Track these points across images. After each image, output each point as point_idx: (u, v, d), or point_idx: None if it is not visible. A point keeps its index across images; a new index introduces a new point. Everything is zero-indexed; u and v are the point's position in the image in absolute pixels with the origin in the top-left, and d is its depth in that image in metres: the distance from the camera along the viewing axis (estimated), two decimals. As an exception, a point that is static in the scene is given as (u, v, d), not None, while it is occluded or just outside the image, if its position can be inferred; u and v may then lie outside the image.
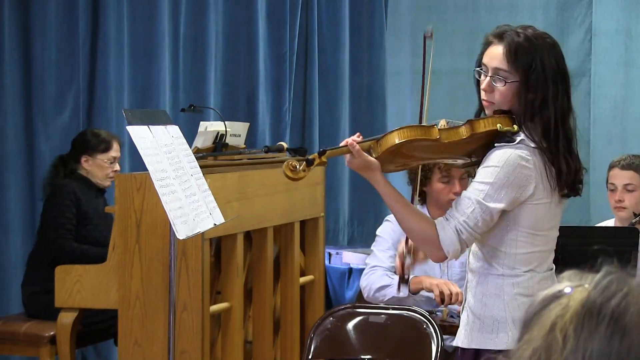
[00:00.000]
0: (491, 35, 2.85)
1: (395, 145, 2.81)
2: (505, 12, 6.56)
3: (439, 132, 2.84)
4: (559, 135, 2.77)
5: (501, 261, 2.82)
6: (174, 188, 3.42)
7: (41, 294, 4.69)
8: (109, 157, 4.91)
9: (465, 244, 2.79)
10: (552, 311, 1.10)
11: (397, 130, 2.83)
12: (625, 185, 4.44)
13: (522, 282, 2.81)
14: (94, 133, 4.96)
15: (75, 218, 4.75)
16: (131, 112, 3.56)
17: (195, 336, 3.93)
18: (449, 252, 2.78)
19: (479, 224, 2.76)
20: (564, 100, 2.79)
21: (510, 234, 2.81)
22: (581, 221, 6.22)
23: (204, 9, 5.93)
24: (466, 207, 2.77)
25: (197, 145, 4.45)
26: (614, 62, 6.58)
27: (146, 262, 3.97)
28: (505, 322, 2.80)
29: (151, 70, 5.65)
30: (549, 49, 2.80)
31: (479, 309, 2.85)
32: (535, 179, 2.76)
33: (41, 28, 5.37)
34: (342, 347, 3.84)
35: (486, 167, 2.79)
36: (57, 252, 4.56)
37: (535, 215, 2.80)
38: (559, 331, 1.07)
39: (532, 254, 2.82)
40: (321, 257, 5.04)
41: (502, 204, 2.76)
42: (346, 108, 6.65)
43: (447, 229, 2.78)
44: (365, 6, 6.69)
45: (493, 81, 2.81)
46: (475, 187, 2.79)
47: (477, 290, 2.86)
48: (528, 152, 2.76)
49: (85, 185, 4.86)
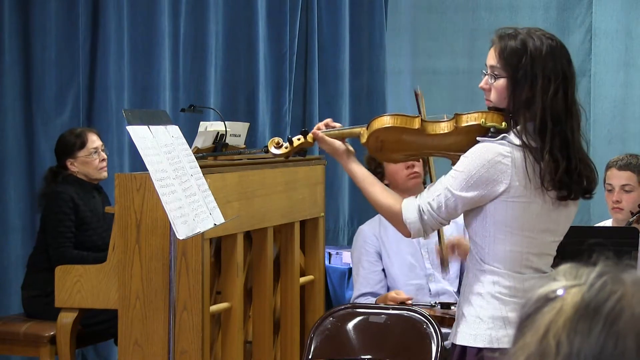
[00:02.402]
0: (494, 36, 2.87)
1: (378, 129, 2.92)
2: (505, 12, 6.57)
3: (422, 122, 2.90)
4: (547, 135, 2.75)
5: (484, 257, 2.84)
6: (174, 188, 3.42)
7: (41, 297, 4.69)
8: (89, 150, 4.86)
9: (429, 226, 2.85)
10: (545, 316, 1.08)
11: (383, 116, 2.96)
12: (622, 185, 4.38)
13: (502, 282, 2.81)
14: (66, 135, 4.93)
15: (74, 225, 4.74)
16: (131, 112, 3.56)
17: (195, 336, 3.93)
18: (410, 228, 2.85)
19: (442, 208, 2.82)
20: (558, 101, 2.76)
21: (489, 229, 2.82)
22: (581, 221, 6.22)
23: (204, 9, 5.93)
24: (435, 190, 2.84)
25: (197, 145, 4.45)
26: (614, 62, 6.58)
27: (146, 262, 3.97)
28: (486, 320, 2.82)
29: (151, 71, 5.65)
30: (548, 49, 2.79)
31: (465, 306, 2.88)
32: (510, 175, 2.75)
33: (41, 28, 5.37)
34: (342, 347, 3.84)
35: (463, 157, 2.83)
36: (57, 260, 4.51)
37: (512, 213, 2.78)
38: (552, 337, 1.06)
39: (513, 252, 2.81)
40: (321, 257, 5.04)
41: (468, 193, 2.78)
42: (346, 108, 6.65)
43: (411, 207, 2.86)
44: (365, 6, 6.69)
45: (490, 79, 2.83)
46: (450, 174, 2.84)
47: (466, 288, 2.91)
48: (509, 149, 2.76)
49: (80, 188, 4.84)
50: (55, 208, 4.73)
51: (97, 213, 4.85)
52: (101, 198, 4.96)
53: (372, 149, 2.98)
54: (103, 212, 4.85)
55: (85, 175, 4.88)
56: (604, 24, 6.58)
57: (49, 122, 5.33)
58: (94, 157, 4.88)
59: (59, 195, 4.75)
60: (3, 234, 5.27)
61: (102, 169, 4.91)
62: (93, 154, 4.88)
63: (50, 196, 4.79)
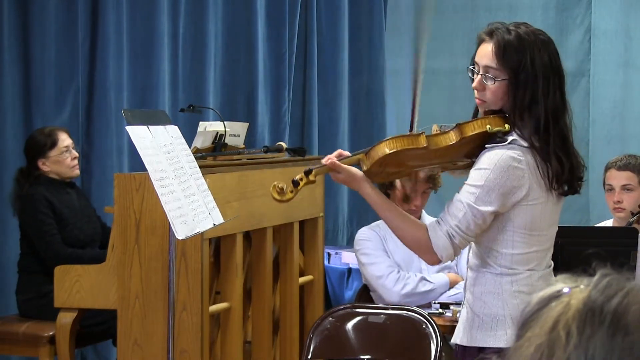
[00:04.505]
0: (483, 33, 2.83)
1: (382, 157, 2.83)
2: (504, 13, 6.57)
3: (427, 139, 2.83)
4: (551, 133, 2.74)
5: (498, 261, 2.81)
6: (173, 188, 3.42)
7: (35, 300, 4.69)
8: (60, 149, 4.83)
9: (459, 247, 2.80)
10: (554, 309, 1.10)
11: (384, 141, 2.85)
12: (623, 185, 4.42)
13: (520, 280, 2.80)
14: (36, 134, 4.90)
15: (55, 223, 4.72)
16: (130, 112, 3.56)
17: (194, 336, 3.93)
18: (442, 256, 2.80)
19: (470, 227, 2.76)
20: (556, 98, 2.75)
21: (506, 235, 2.79)
22: (581, 221, 6.22)
23: (203, 9, 5.93)
24: (457, 210, 2.77)
25: (197, 145, 4.45)
26: (613, 62, 6.58)
27: (145, 262, 3.97)
28: (504, 319, 2.79)
29: (150, 71, 5.65)
30: (541, 46, 2.75)
31: (478, 307, 2.84)
32: (528, 179, 2.74)
33: (40, 28, 5.37)
34: (341, 347, 3.84)
35: (477, 170, 2.78)
36: (53, 260, 4.49)
37: (532, 216, 2.77)
38: (562, 328, 1.08)
39: (530, 254, 2.81)
40: (320, 257, 5.04)
41: (493, 206, 2.75)
42: (345, 108, 6.65)
43: (440, 233, 2.78)
44: (365, 6, 6.69)
45: (484, 79, 2.79)
46: (467, 190, 2.78)
47: (476, 289, 2.86)
48: (520, 152, 2.74)
49: (52, 186, 4.81)
50: (31, 211, 4.70)
51: (74, 208, 4.83)
52: (75, 192, 4.93)
53: (373, 175, 2.91)
54: (80, 206, 4.83)
55: (57, 174, 4.84)
56: (603, 24, 6.59)
57: (48, 121, 5.32)
58: (66, 156, 4.84)
59: (32, 198, 4.71)
60: (2, 233, 5.27)
61: (75, 167, 4.89)
62: (64, 152, 4.84)
63: (23, 200, 4.75)
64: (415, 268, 4.49)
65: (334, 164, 2.86)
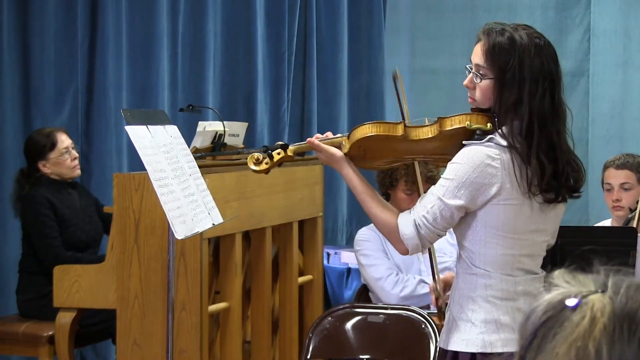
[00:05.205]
0: (480, 32, 2.83)
1: (359, 139, 2.88)
2: (504, 12, 6.57)
3: (405, 129, 2.86)
4: (535, 136, 2.70)
5: (474, 261, 2.79)
6: (173, 188, 3.42)
7: (35, 300, 4.68)
8: (60, 151, 4.80)
9: (426, 239, 2.80)
10: (577, 324, 1.07)
11: (365, 124, 2.90)
12: (621, 184, 4.44)
13: (494, 285, 2.77)
14: (35, 136, 4.87)
15: (56, 224, 4.71)
16: (130, 112, 3.56)
17: (193, 336, 3.93)
18: (408, 245, 2.81)
19: (438, 219, 2.76)
20: (545, 102, 2.72)
21: (480, 234, 2.77)
22: (580, 221, 6.23)
23: (202, 8, 5.93)
24: (428, 202, 2.79)
25: (196, 145, 4.45)
26: (612, 62, 6.59)
27: (145, 262, 3.97)
28: (478, 324, 2.77)
29: (150, 70, 5.65)
30: (534, 49, 2.73)
31: (455, 310, 2.83)
32: (501, 178, 2.71)
33: (40, 28, 5.37)
34: (340, 347, 3.85)
35: (451, 163, 2.78)
36: (52, 263, 4.48)
37: (504, 216, 2.74)
38: (591, 346, 1.05)
39: (504, 256, 2.77)
40: (320, 256, 5.05)
41: (462, 201, 2.73)
42: (345, 108, 6.65)
43: (408, 222, 2.80)
44: (364, 6, 6.70)
45: (474, 78, 2.78)
46: (440, 183, 2.79)
47: (456, 292, 2.85)
48: (497, 151, 2.72)
49: (54, 187, 4.79)
50: (33, 213, 4.68)
51: (76, 209, 4.82)
52: (77, 193, 4.92)
53: (355, 158, 2.94)
54: (81, 207, 4.82)
55: (58, 175, 4.82)
56: (603, 24, 6.59)
57: (48, 122, 5.32)
58: (66, 157, 4.81)
59: (34, 199, 4.70)
60: (2, 233, 5.26)
61: (75, 167, 4.86)
62: (64, 154, 4.81)
63: (25, 201, 4.74)
64: (415, 269, 4.50)
65: (312, 142, 2.95)
